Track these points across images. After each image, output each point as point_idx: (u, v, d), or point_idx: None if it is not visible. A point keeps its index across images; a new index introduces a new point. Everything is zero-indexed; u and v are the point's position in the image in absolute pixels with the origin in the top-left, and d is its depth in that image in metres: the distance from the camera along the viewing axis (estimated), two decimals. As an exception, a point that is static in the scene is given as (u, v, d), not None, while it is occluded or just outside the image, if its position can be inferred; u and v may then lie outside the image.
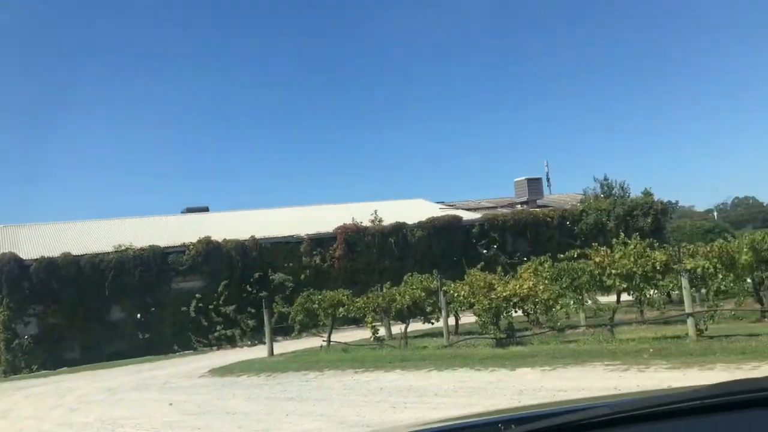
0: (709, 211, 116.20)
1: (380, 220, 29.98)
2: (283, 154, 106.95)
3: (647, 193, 33.63)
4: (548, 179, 46.04)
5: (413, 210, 33.72)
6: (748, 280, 14.22)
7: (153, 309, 26.66)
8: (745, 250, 12.05)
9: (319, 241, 29.20)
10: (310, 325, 21.88)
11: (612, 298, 16.74)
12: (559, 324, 14.76)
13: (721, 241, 12.80)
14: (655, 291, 13.84)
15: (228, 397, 12.80)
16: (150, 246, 27.01)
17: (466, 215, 32.73)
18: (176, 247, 27.55)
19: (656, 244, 15.00)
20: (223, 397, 12.78)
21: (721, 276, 12.26)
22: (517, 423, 1.71)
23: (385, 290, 18.47)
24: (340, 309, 18.91)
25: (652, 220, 32.34)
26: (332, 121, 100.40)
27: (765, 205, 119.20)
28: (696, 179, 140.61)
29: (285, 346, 20.94)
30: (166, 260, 27.17)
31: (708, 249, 12.59)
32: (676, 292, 14.33)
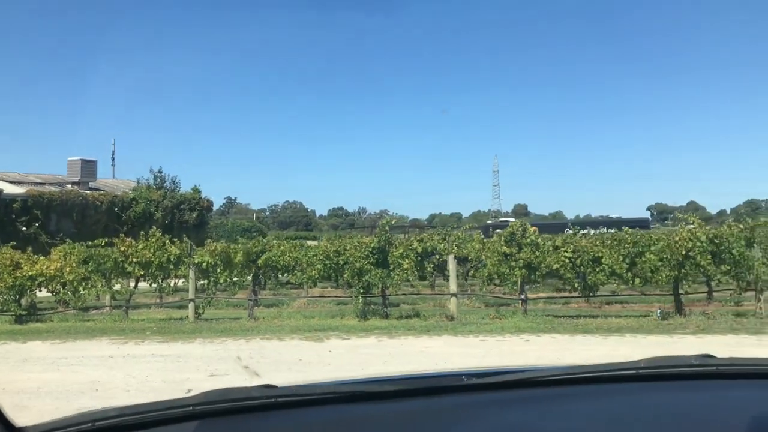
0: (262, 210, 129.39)
1: None
2: None
3: (196, 190, 36.76)
4: (113, 159, 46.49)
5: (-56, 175, 30.52)
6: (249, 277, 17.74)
7: None
8: (240, 252, 15.38)
9: None
10: None
11: (147, 284, 18.71)
12: (82, 304, 16.13)
13: (223, 242, 15.97)
14: (171, 279, 16.33)
15: None
16: None
17: (9, 188, 31.04)
18: None
19: (185, 239, 17.29)
20: None
21: (219, 270, 15.37)
22: (478, 377, 1.70)
23: None
24: None
25: (197, 215, 35.58)
26: None
27: (309, 210, 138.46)
28: (254, 180, 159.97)
29: None
30: None
31: (212, 248, 15.61)
32: (201, 282, 16.66)
